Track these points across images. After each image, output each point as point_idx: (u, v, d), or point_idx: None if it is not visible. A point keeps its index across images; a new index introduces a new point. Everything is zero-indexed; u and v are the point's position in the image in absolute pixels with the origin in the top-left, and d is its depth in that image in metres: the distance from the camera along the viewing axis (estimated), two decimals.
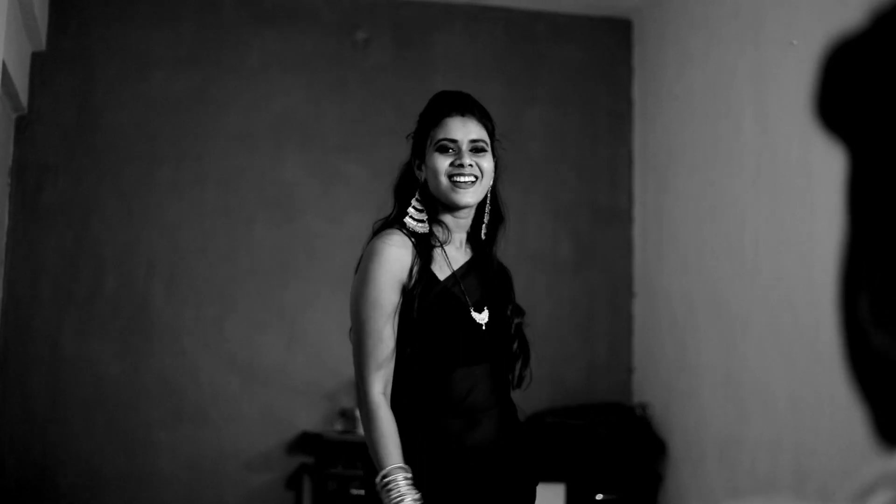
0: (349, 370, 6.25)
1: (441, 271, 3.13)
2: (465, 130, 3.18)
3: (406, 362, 3.09)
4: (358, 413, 5.94)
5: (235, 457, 6.21)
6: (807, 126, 5.21)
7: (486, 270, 3.25)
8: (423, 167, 3.23)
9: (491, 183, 3.27)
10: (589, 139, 6.88)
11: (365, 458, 3.06)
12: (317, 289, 6.38)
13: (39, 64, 6.13)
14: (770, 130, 5.51)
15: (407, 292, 3.05)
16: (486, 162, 3.20)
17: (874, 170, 0.93)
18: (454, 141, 3.16)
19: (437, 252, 3.14)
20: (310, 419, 6.30)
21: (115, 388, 6.11)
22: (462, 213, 3.20)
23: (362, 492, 5.52)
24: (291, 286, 6.36)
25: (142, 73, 6.30)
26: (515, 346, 3.24)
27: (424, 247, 3.11)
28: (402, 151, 6.46)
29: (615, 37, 6.96)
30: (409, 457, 2.98)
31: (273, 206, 6.38)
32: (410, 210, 3.20)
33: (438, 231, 3.18)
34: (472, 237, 3.29)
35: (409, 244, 3.09)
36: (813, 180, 5.14)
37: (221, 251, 6.30)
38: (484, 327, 3.14)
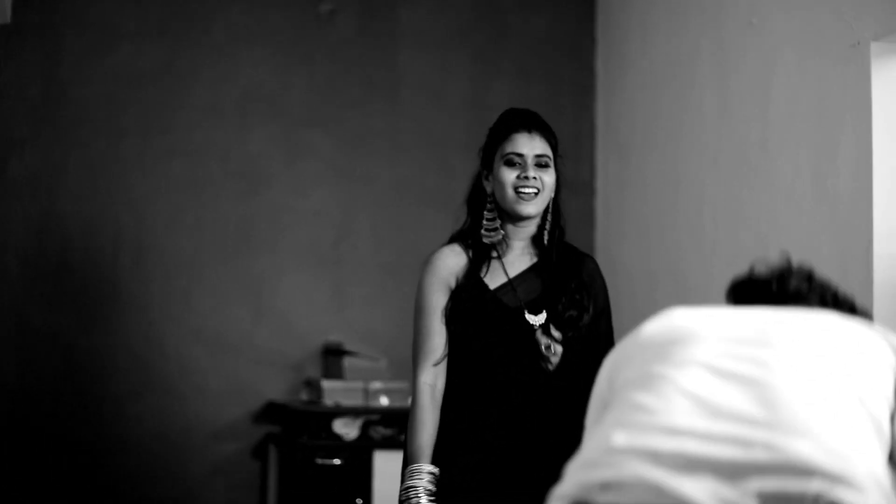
0: (315, 340, 6.41)
1: (493, 279, 3.48)
2: (531, 145, 3.51)
3: (461, 361, 3.46)
4: (323, 384, 6.05)
5: (202, 427, 6.28)
6: (765, 107, 5.29)
7: (549, 273, 3.51)
8: (491, 178, 3.56)
9: (552, 195, 3.56)
10: (553, 111, 6.79)
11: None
12: (283, 260, 6.44)
13: (5, 37, 6.10)
14: (730, 109, 5.57)
15: (454, 295, 3.47)
16: (549, 176, 3.51)
17: None
18: (520, 155, 3.49)
19: (494, 262, 3.50)
20: (276, 389, 6.36)
21: (82, 361, 6.16)
22: (524, 222, 3.51)
23: (330, 461, 5.67)
24: (258, 258, 6.41)
25: (108, 47, 6.31)
26: (570, 333, 3.45)
27: (480, 256, 3.49)
28: (369, 123, 6.56)
29: (580, 8, 6.99)
30: (444, 452, 3.39)
31: (239, 179, 6.41)
32: (485, 222, 3.53)
33: (500, 243, 3.52)
34: (538, 243, 3.56)
35: (463, 253, 3.52)
36: (771, 160, 5.21)
37: (188, 224, 6.34)
38: (537, 327, 3.43)
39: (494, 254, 3.52)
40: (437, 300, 3.49)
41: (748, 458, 1.83)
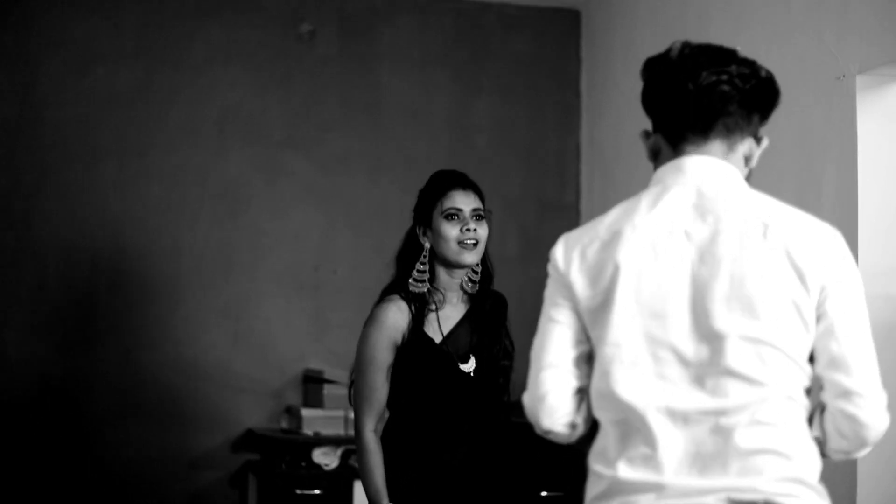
0: (295, 367, 6.32)
1: (434, 331, 3.80)
2: (467, 201, 3.83)
3: (401, 408, 3.80)
4: (303, 412, 5.97)
5: (180, 455, 6.19)
6: None
7: (479, 319, 3.89)
8: (429, 233, 3.84)
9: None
10: (536, 131, 6.84)
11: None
12: (262, 285, 6.35)
13: None
14: None
15: (400, 351, 3.77)
16: (483, 229, 3.86)
17: None
18: (460, 210, 3.81)
19: (432, 314, 3.80)
20: (255, 417, 6.28)
21: (59, 388, 6.07)
22: (458, 272, 3.85)
23: (310, 491, 5.61)
24: (236, 282, 6.32)
25: (84, 68, 6.20)
26: (501, 379, 3.91)
27: (420, 310, 3.79)
28: (349, 144, 6.46)
29: (564, 27, 6.91)
30: (398, 486, 3.73)
31: (217, 202, 6.32)
32: (414, 273, 3.83)
33: (436, 294, 3.83)
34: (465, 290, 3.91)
35: (406, 309, 3.79)
36: (753, 186, 5.12)
37: (165, 248, 6.24)
38: (472, 374, 3.83)
39: (433, 306, 3.82)
40: (384, 357, 3.77)
41: None
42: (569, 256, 2.46)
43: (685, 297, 2.31)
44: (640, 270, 2.34)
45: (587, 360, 2.47)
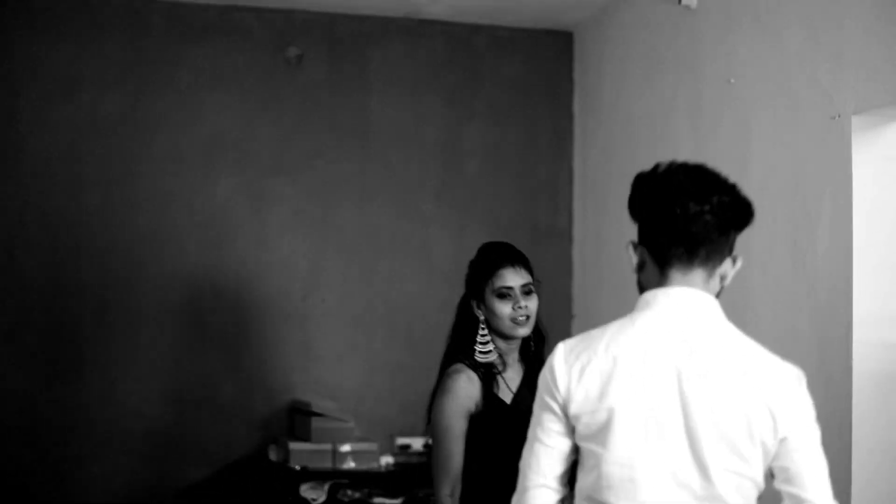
0: (283, 397, 6.22)
1: (504, 393, 3.91)
2: (516, 278, 3.92)
3: (474, 474, 3.85)
4: (290, 445, 5.88)
5: (167, 487, 6.10)
6: (741, 173, 5.11)
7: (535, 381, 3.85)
8: (483, 307, 3.94)
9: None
10: (528, 156, 6.75)
11: None
12: (249, 314, 6.25)
13: None
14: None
15: (475, 418, 3.84)
16: (534, 302, 3.94)
17: None
18: (510, 288, 3.90)
19: (498, 378, 3.91)
20: (242, 448, 6.20)
21: (44, 419, 5.98)
22: (516, 341, 3.96)
23: None
24: (223, 311, 6.23)
25: (68, 95, 6.10)
26: None
27: (488, 375, 3.89)
28: (338, 169, 6.37)
29: (556, 50, 6.81)
30: None
31: (204, 229, 6.22)
32: (478, 346, 3.92)
33: (498, 360, 3.93)
34: (523, 352, 4.03)
35: (475, 377, 3.87)
36: (746, 229, 5.03)
37: (151, 277, 6.15)
38: None
39: (498, 370, 3.92)
40: (459, 425, 3.84)
41: None
42: (569, 370, 2.62)
43: (679, 429, 2.52)
44: (637, 401, 2.53)
45: (570, 469, 2.68)
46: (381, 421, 6.31)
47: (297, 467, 5.85)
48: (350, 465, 5.93)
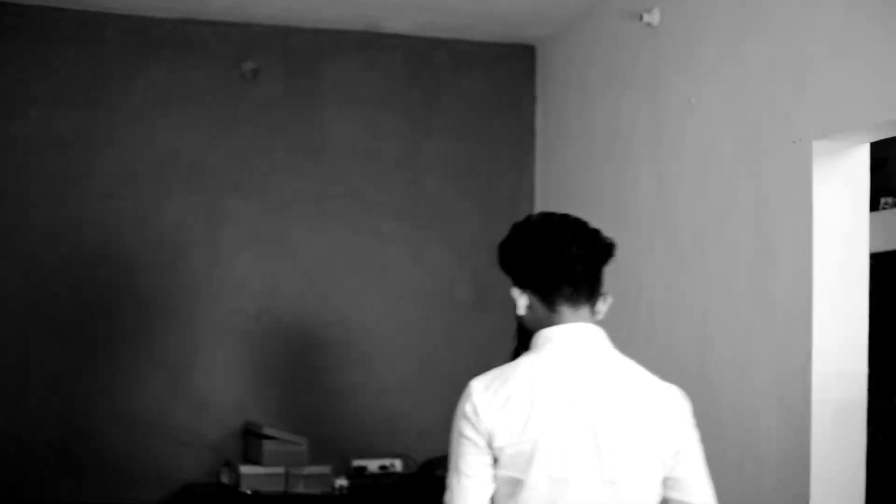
0: (235, 419, 6.09)
1: None
2: None
3: None
4: (241, 469, 5.78)
5: None
6: (701, 196, 5.01)
7: None
8: None
9: None
10: (489, 172, 6.64)
11: None
12: (202, 335, 6.13)
13: None
14: (666, 193, 5.31)
15: None
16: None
17: None
18: None
19: None
20: (194, 471, 6.07)
21: None
22: None
23: None
24: (175, 332, 6.09)
25: (15, 111, 5.95)
26: None
27: None
28: (294, 187, 6.25)
29: (518, 65, 6.71)
30: None
31: (156, 249, 6.09)
32: None
33: None
34: None
35: None
36: (706, 253, 4.94)
37: (101, 298, 6.00)
38: None
39: None
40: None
41: None
42: (490, 405, 2.74)
43: (592, 453, 2.72)
44: (556, 430, 2.70)
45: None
46: (336, 443, 6.19)
47: (249, 491, 5.73)
48: (303, 488, 5.81)
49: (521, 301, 2.86)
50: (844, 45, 4.10)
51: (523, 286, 2.86)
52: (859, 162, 4.35)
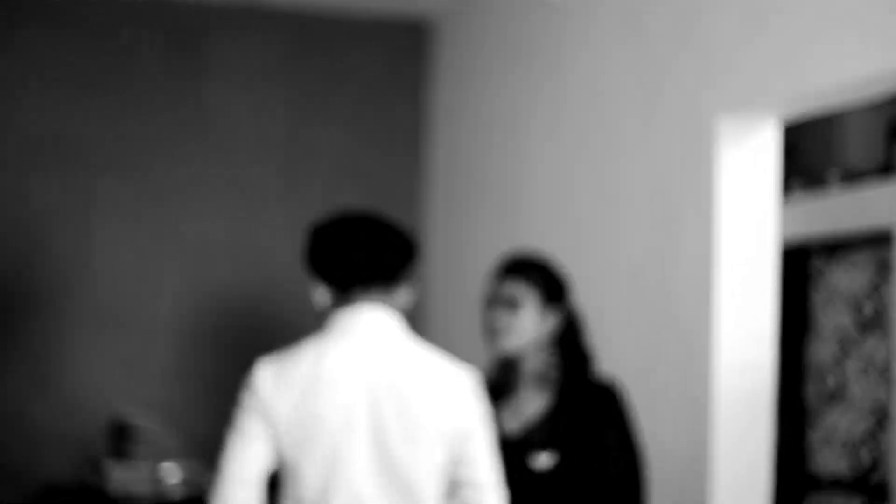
0: (102, 415, 5.71)
1: (508, 421, 3.57)
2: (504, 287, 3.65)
3: None
4: (109, 467, 5.46)
5: None
6: (602, 174, 4.76)
7: (568, 412, 3.58)
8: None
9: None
10: (382, 157, 6.34)
11: None
12: (70, 326, 5.76)
13: None
14: (568, 174, 5.05)
15: None
16: (516, 318, 3.62)
17: None
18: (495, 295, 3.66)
19: (508, 401, 3.62)
20: (56, 470, 5.70)
21: None
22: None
23: None
24: (41, 322, 5.72)
25: None
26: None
27: (496, 397, 3.57)
28: (174, 170, 5.90)
29: (414, 44, 6.43)
30: None
31: (22, 236, 5.72)
32: None
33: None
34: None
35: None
36: (607, 235, 4.69)
37: None
38: (546, 473, 3.50)
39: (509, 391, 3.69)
40: None
41: None
42: (276, 384, 2.91)
43: (372, 431, 2.87)
44: (338, 409, 2.86)
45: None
46: (210, 440, 5.83)
47: (117, 491, 5.38)
48: (174, 486, 5.47)
49: (324, 296, 3.05)
50: (750, 20, 3.88)
51: (324, 280, 3.05)
52: (768, 140, 4.11)
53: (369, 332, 2.96)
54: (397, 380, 2.91)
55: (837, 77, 3.54)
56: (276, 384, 2.90)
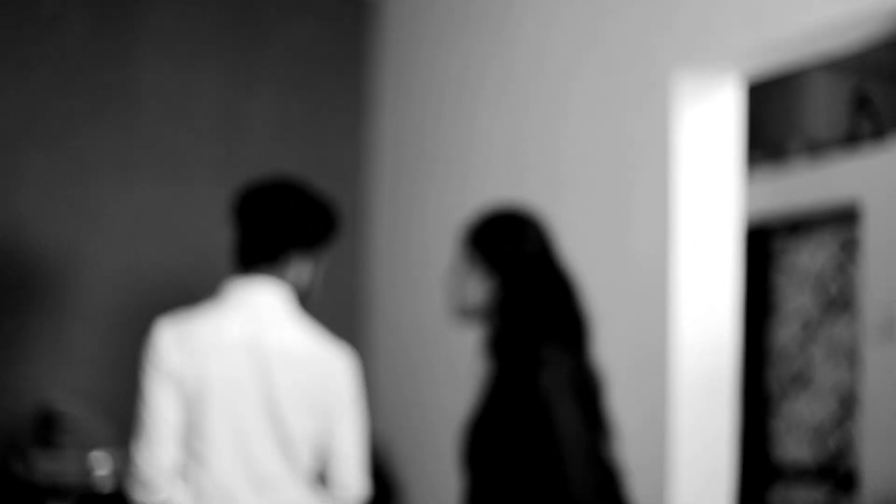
0: (27, 401, 5.37)
1: None
2: None
3: None
4: (35, 455, 5.12)
5: None
6: (554, 139, 4.47)
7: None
8: None
9: None
10: (321, 133, 6.01)
11: None
12: None
13: None
14: (516, 148, 4.75)
15: None
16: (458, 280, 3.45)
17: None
18: None
19: None
20: None
21: None
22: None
23: None
24: None
25: None
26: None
27: None
28: (98, 144, 5.57)
29: (356, 11, 6.10)
30: None
31: None
32: None
33: None
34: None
35: None
36: (561, 204, 4.40)
37: None
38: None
39: None
40: None
41: None
42: (177, 343, 3.16)
43: (262, 394, 3.17)
44: (230, 370, 3.15)
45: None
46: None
47: (43, 480, 5.05)
48: (104, 475, 5.16)
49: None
50: None
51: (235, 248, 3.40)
52: (728, 98, 3.83)
53: (260, 306, 3.23)
54: (280, 349, 3.19)
55: (802, 27, 3.28)
56: (179, 343, 3.15)
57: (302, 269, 3.34)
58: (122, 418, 5.33)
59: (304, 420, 3.20)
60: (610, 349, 4.01)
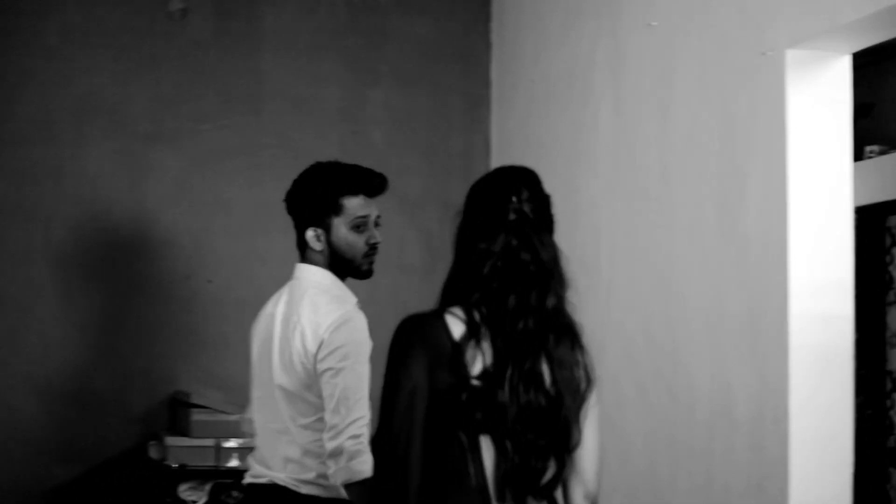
0: (163, 388, 5.59)
1: None
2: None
3: None
4: (168, 441, 5.30)
5: (33, 487, 5.44)
6: (664, 126, 4.54)
7: None
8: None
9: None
10: (440, 125, 6.15)
11: None
12: (126, 296, 5.62)
13: None
14: (627, 127, 4.84)
15: None
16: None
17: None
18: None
19: None
20: (116, 445, 5.57)
21: None
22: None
23: None
24: (96, 293, 5.58)
25: None
26: None
27: None
28: (226, 138, 5.76)
29: (471, 7, 6.23)
30: None
31: (74, 203, 5.57)
32: None
33: None
34: None
35: None
36: (670, 190, 4.46)
37: (15, 254, 5.49)
38: None
39: None
40: None
41: None
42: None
43: (271, 355, 3.74)
44: (258, 335, 3.93)
45: None
46: None
47: (176, 465, 5.22)
48: (235, 462, 5.30)
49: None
50: None
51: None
52: (840, 74, 3.88)
53: (295, 282, 3.80)
54: (290, 321, 3.66)
55: None
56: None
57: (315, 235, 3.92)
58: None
59: (296, 379, 3.63)
60: (726, 330, 4.09)
